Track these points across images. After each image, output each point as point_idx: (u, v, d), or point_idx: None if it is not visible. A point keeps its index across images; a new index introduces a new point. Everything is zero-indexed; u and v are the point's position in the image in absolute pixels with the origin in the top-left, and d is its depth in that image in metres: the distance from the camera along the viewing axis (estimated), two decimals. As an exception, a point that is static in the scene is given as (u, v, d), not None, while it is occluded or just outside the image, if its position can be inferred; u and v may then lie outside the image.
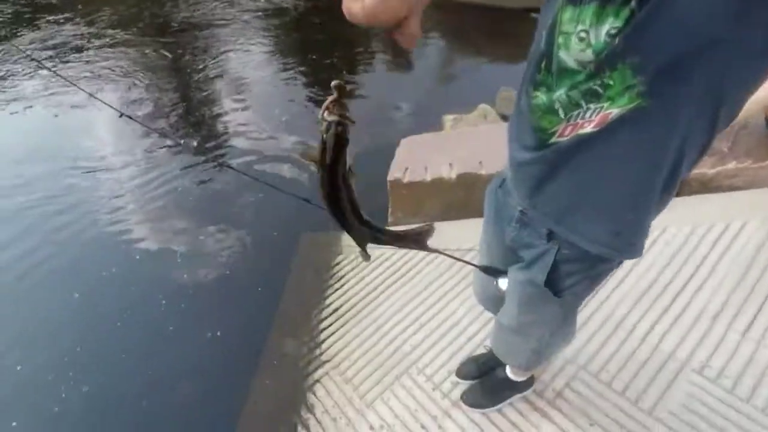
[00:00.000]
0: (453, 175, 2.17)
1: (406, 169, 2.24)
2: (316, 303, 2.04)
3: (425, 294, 1.94)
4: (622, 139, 0.67)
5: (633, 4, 0.55)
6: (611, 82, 0.62)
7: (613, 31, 0.58)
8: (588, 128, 0.68)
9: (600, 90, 0.64)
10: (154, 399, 1.93)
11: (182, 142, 3.55)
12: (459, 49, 4.80)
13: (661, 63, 0.58)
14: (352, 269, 2.14)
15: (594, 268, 0.86)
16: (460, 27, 5.01)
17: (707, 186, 2.14)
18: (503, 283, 1.03)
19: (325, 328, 1.94)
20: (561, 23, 0.64)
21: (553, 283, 0.89)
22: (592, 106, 0.66)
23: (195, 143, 3.59)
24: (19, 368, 2.09)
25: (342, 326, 1.92)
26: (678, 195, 2.21)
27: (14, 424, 1.91)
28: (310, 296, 2.07)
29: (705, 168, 2.15)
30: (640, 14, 0.55)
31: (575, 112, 0.68)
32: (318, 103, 3.95)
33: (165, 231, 2.77)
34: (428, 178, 2.20)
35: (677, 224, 1.94)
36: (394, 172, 2.26)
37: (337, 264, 2.18)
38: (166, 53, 4.87)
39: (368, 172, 2.90)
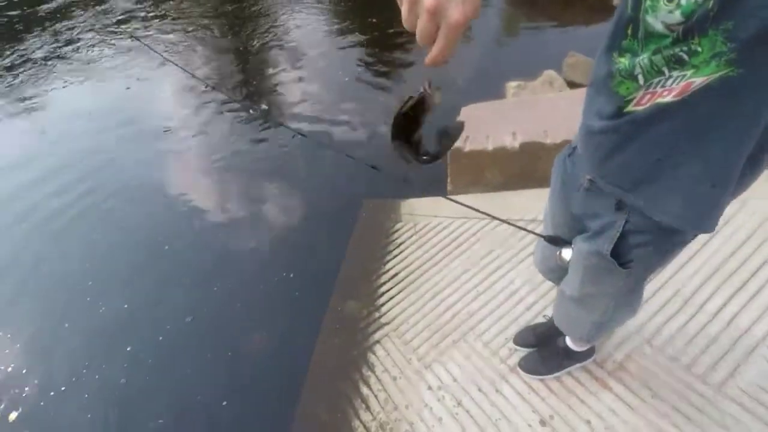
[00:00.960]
0: (516, 144, 2.13)
1: (467, 137, 2.23)
2: (376, 268, 2.12)
3: (483, 262, 1.96)
4: (705, 111, 0.64)
5: None
6: (699, 49, 0.59)
7: None
8: (668, 97, 0.65)
9: (685, 57, 0.61)
10: (221, 353, 2.08)
11: (251, 110, 3.71)
12: (523, 11, 4.58)
13: (758, 28, 0.54)
14: (411, 236, 2.19)
15: (665, 240, 0.84)
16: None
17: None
18: (567, 253, 1.03)
19: (384, 293, 2.02)
20: None
21: (619, 255, 0.88)
22: (675, 73, 0.63)
23: (261, 109, 3.75)
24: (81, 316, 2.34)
25: (401, 291, 2.00)
26: None
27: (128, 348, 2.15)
28: (371, 261, 2.16)
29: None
30: None
31: (656, 80, 0.66)
32: (375, 69, 3.95)
33: (230, 192, 2.95)
34: (490, 147, 2.17)
35: (759, 198, 1.81)
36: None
37: (397, 231, 2.25)
38: (228, 25, 5.03)
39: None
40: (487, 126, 2.28)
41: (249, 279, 2.37)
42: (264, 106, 3.75)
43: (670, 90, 0.65)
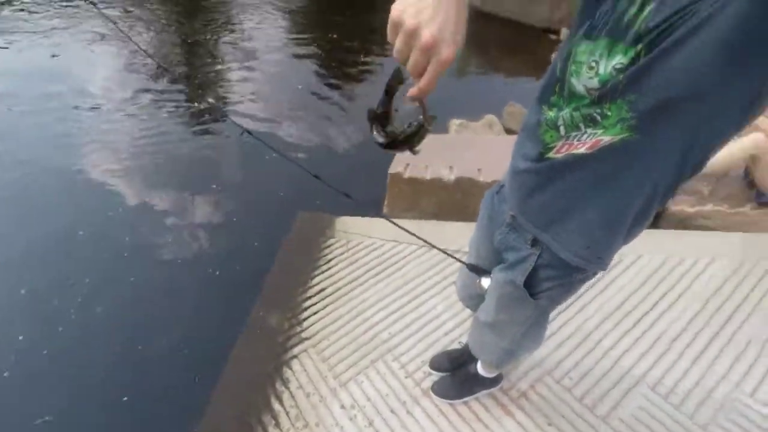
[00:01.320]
0: (452, 177, 2.26)
1: (408, 165, 2.33)
2: (303, 281, 2.11)
3: (409, 287, 2.03)
4: (608, 166, 0.76)
5: (639, 47, 0.64)
6: (609, 113, 0.71)
7: (618, 66, 0.67)
8: (581, 149, 0.76)
9: (598, 117, 0.72)
10: (127, 350, 1.95)
11: (196, 102, 3.57)
12: (476, 57, 4.91)
13: (653, 104, 0.66)
14: (343, 253, 2.21)
15: (569, 276, 0.95)
16: (481, 37, 5.12)
17: (684, 223, 2.28)
18: (486, 282, 1.12)
19: (309, 307, 2.01)
20: (576, 54, 0.73)
21: (530, 286, 0.98)
22: (588, 130, 0.74)
23: (205, 100, 3.63)
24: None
25: (325, 307, 2.00)
26: (657, 227, 2.34)
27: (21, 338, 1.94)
28: (299, 273, 2.14)
29: (685, 206, 2.29)
30: (644, 59, 0.64)
31: (574, 133, 0.77)
32: (330, 83, 3.99)
33: (158, 182, 2.80)
34: (428, 176, 2.28)
35: (652, 253, 2.07)
36: (396, 166, 2.34)
37: (329, 246, 2.26)
38: (182, 12, 4.86)
39: (371, 163, 2.99)
40: (427, 156, 2.39)
41: (168, 275, 2.25)
42: (210, 99, 3.64)
43: (584, 143, 0.76)
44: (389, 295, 1.99)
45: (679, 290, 1.92)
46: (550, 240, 0.91)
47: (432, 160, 2.36)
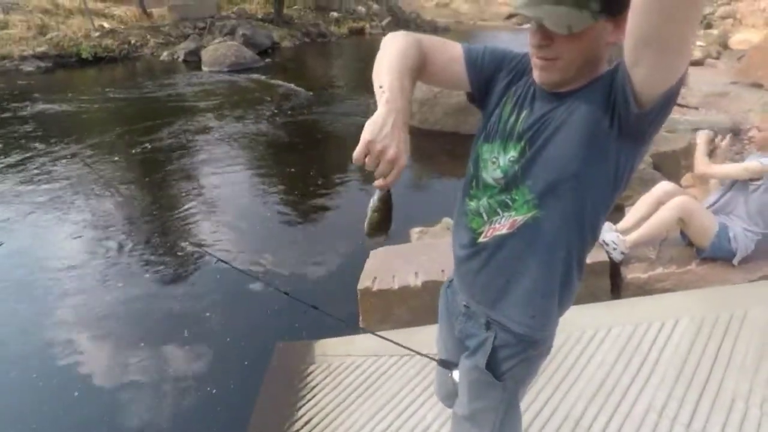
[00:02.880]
0: (419, 282, 2.37)
1: (375, 278, 2.43)
2: (288, 414, 2.04)
3: (395, 401, 1.99)
4: (526, 239, 0.93)
5: (523, 143, 0.88)
6: (516, 197, 0.91)
7: (512, 158, 0.90)
8: (503, 230, 0.94)
9: (509, 202, 0.92)
10: None
11: (162, 249, 3.67)
12: (426, 169, 5.41)
13: (544, 186, 0.87)
14: (325, 378, 2.19)
15: (525, 351, 1.03)
16: (425, 151, 5.68)
17: (643, 288, 2.41)
18: (456, 374, 1.17)
19: (297, 442, 1.93)
20: (482, 154, 0.97)
21: (493, 367, 1.05)
22: (504, 213, 0.93)
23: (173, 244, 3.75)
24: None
25: (314, 438, 1.92)
26: (619, 297, 2.45)
27: None
28: (283, 407, 2.08)
29: (639, 273, 2.44)
30: (529, 152, 0.87)
31: (494, 218, 0.95)
32: (293, 210, 4.24)
33: (131, 345, 2.76)
34: (396, 286, 2.38)
35: (621, 323, 2.15)
36: (364, 281, 2.44)
37: (311, 373, 2.23)
38: (154, 176, 5.21)
39: (340, 282, 3.09)
40: (393, 267, 2.52)
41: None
42: (181, 243, 3.77)
43: (503, 225, 0.94)
44: (376, 414, 1.95)
45: (654, 356, 1.97)
46: (501, 317, 1.02)
47: (398, 269, 2.49)
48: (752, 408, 1.71)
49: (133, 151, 5.76)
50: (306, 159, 5.53)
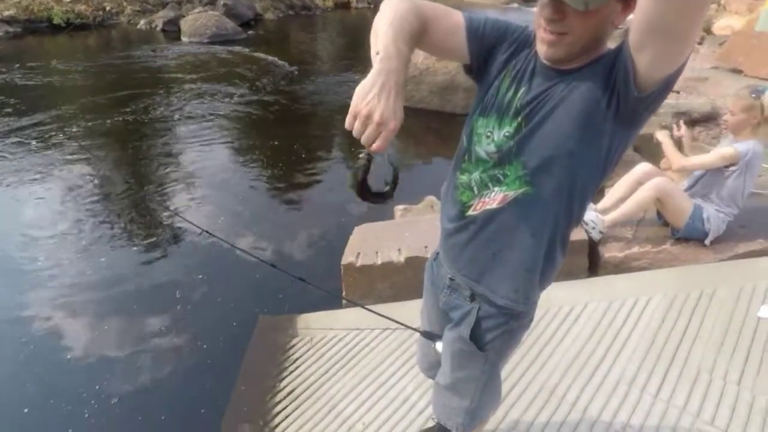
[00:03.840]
0: (402, 258, 2.39)
1: (359, 253, 2.45)
2: (271, 386, 2.07)
3: (376, 372, 2.03)
4: (515, 215, 0.94)
5: (520, 119, 0.88)
6: (508, 172, 0.91)
7: (507, 134, 0.90)
8: (493, 205, 0.95)
9: (501, 177, 0.93)
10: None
11: (147, 217, 3.61)
12: (412, 147, 5.39)
13: (538, 162, 0.87)
14: (308, 350, 2.21)
15: (507, 324, 1.06)
16: (412, 129, 5.65)
17: (619, 267, 2.48)
18: (440, 345, 1.20)
19: (279, 411, 1.96)
20: (476, 128, 0.96)
21: (477, 338, 1.07)
22: (495, 188, 0.94)
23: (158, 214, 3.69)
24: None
25: (297, 408, 1.95)
26: (596, 275, 2.51)
27: None
28: (265, 379, 2.10)
29: (615, 252, 2.51)
30: (525, 129, 0.87)
31: (484, 192, 0.96)
32: (272, 194, 4.21)
33: (113, 309, 2.75)
34: (379, 261, 2.40)
35: (596, 300, 2.21)
36: (348, 257, 2.45)
37: (293, 346, 2.25)
38: (142, 145, 5.09)
39: (324, 256, 3.10)
40: (377, 243, 2.53)
41: (131, 402, 2.15)
42: (165, 211, 3.73)
43: (494, 199, 0.94)
44: (358, 385, 1.99)
45: (626, 331, 2.04)
46: (485, 290, 1.04)
47: (381, 245, 2.50)
48: (716, 380, 1.80)
49: (110, 122, 5.59)
50: (289, 133, 5.45)
